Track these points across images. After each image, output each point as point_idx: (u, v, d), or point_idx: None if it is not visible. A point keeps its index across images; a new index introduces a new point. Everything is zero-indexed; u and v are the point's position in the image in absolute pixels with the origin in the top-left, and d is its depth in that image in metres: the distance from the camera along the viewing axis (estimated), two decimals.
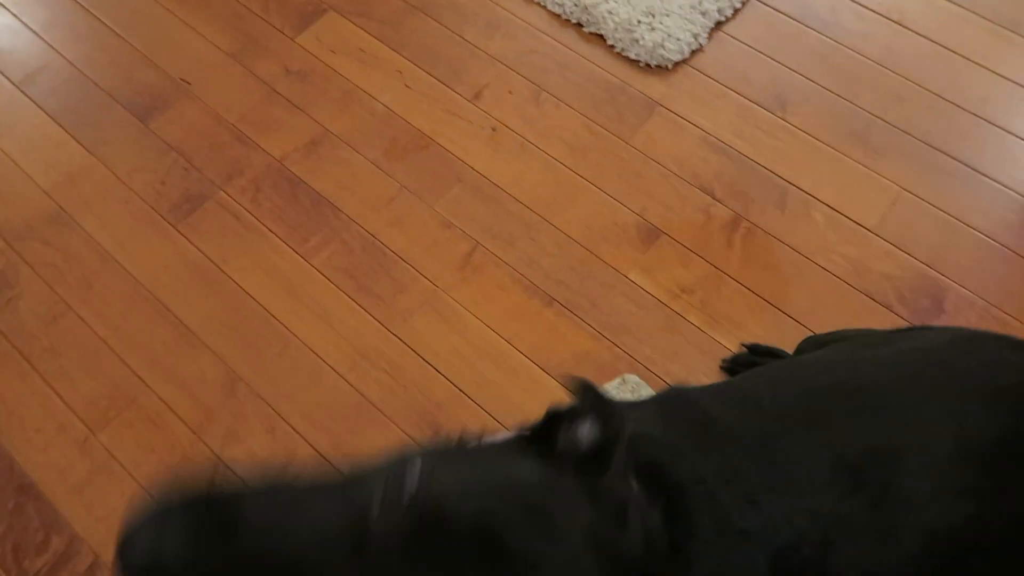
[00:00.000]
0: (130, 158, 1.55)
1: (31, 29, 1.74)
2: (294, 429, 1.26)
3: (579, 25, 1.65)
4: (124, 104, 1.63)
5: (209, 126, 1.59)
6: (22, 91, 1.66)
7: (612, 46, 1.61)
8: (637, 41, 1.58)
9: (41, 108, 1.63)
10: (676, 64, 1.59)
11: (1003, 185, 1.47)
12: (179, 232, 1.46)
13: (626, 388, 1.28)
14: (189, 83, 1.64)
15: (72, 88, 1.66)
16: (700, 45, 1.60)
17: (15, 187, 1.53)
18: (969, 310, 1.34)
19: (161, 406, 1.29)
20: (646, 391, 1.27)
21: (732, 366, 1.29)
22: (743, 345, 1.31)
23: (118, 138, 1.58)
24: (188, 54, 1.69)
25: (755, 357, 1.29)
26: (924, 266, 1.38)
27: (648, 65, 1.59)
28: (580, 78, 1.60)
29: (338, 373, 1.31)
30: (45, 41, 1.72)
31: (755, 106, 1.56)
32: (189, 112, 1.61)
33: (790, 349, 1.30)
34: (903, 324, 1.33)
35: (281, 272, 1.40)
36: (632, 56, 1.59)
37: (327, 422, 1.27)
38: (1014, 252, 1.40)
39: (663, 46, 1.57)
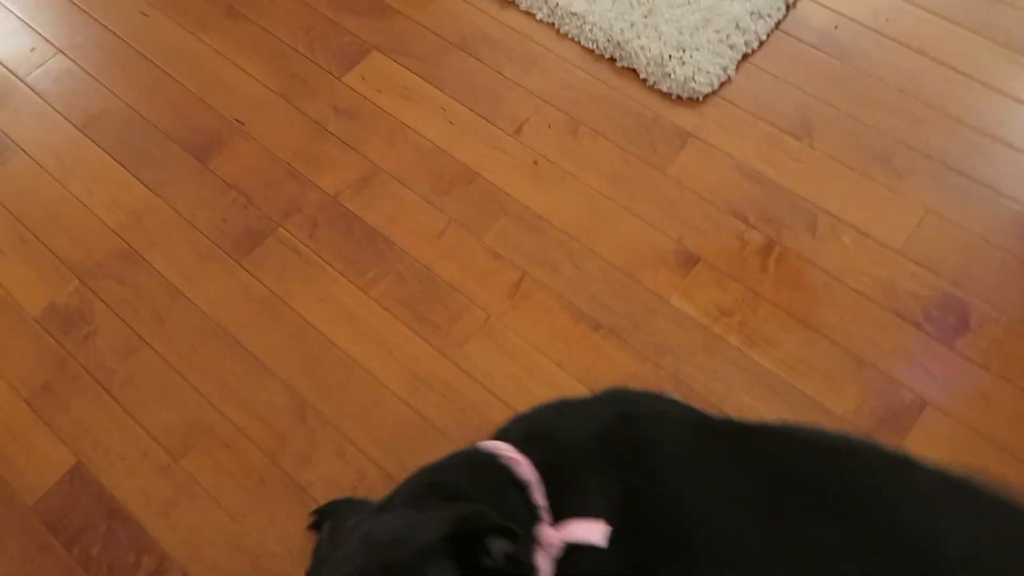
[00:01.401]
0: (191, 196, 1.65)
1: (89, 74, 1.84)
2: (362, 452, 1.35)
3: (612, 60, 1.73)
4: (182, 144, 1.72)
5: (264, 164, 1.68)
6: (85, 134, 1.75)
7: (644, 79, 1.70)
8: (669, 75, 1.66)
9: (104, 150, 1.73)
10: (706, 96, 1.67)
11: (1022, 204, 1.54)
12: (243, 267, 1.55)
13: None
14: (243, 123, 1.74)
15: (132, 130, 1.76)
16: (728, 77, 1.69)
17: (85, 227, 1.62)
18: (994, 326, 1.42)
19: (236, 432, 1.38)
20: None
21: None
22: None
23: (178, 177, 1.68)
24: (239, 95, 1.78)
25: None
26: (949, 284, 1.46)
27: (679, 97, 1.67)
28: (615, 111, 1.68)
29: (399, 398, 1.39)
30: (103, 85, 1.82)
31: (783, 133, 1.64)
32: (244, 151, 1.70)
33: (824, 367, 1.39)
34: (931, 341, 1.41)
35: (341, 304, 1.49)
36: (664, 89, 1.68)
37: (392, 444, 1.36)
38: None
39: (693, 79, 1.65)
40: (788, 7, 1.76)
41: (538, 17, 1.80)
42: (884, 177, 1.58)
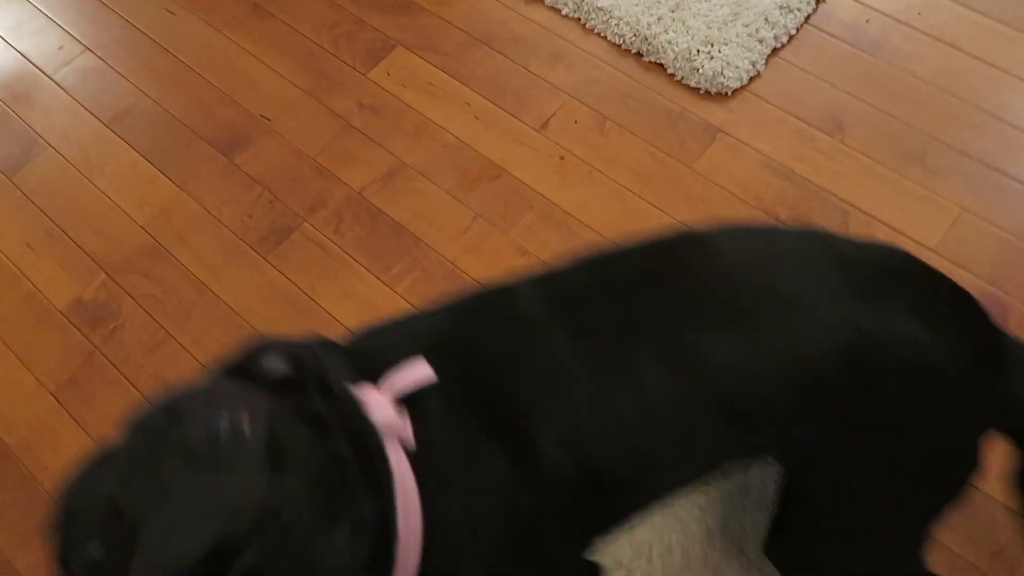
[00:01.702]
0: (218, 192, 1.65)
1: (116, 71, 1.85)
2: None
3: (639, 55, 1.72)
4: (208, 141, 1.72)
5: (290, 160, 1.67)
6: (112, 130, 1.76)
7: (672, 74, 1.68)
8: (697, 70, 1.64)
9: (131, 146, 1.73)
10: (735, 91, 1.65)
11: None
12: (268, 263, 1.55)
13: None
14: (269, 119, 1.74)
15: (159, 126, 1.76)
16: (758, 71, 1.66)
17: (112, 222, 1.63)
18: None
19: None
20: None
21: None
22: None
23: (205, 173, 1.68)
24: (265, 91, 1.78)
25: None
26: (986, 284, 1.43)
27: (708, 92, 1.65)
28: (642, 106, 1.67)
29: None
30: (130, 82, 1.83)
31: (813, 129, 1.61)
32: (270, 147, 1.70)
33: None
34: None
35: (367, 299, 1.49)
36: (692, 84, 1.66)
37: None
38: None
39: (722, 74, 1.63)
40: (818, 1, 1.74)
41: (564, 12, 1.79)
42: (917, 174, 1.55)
